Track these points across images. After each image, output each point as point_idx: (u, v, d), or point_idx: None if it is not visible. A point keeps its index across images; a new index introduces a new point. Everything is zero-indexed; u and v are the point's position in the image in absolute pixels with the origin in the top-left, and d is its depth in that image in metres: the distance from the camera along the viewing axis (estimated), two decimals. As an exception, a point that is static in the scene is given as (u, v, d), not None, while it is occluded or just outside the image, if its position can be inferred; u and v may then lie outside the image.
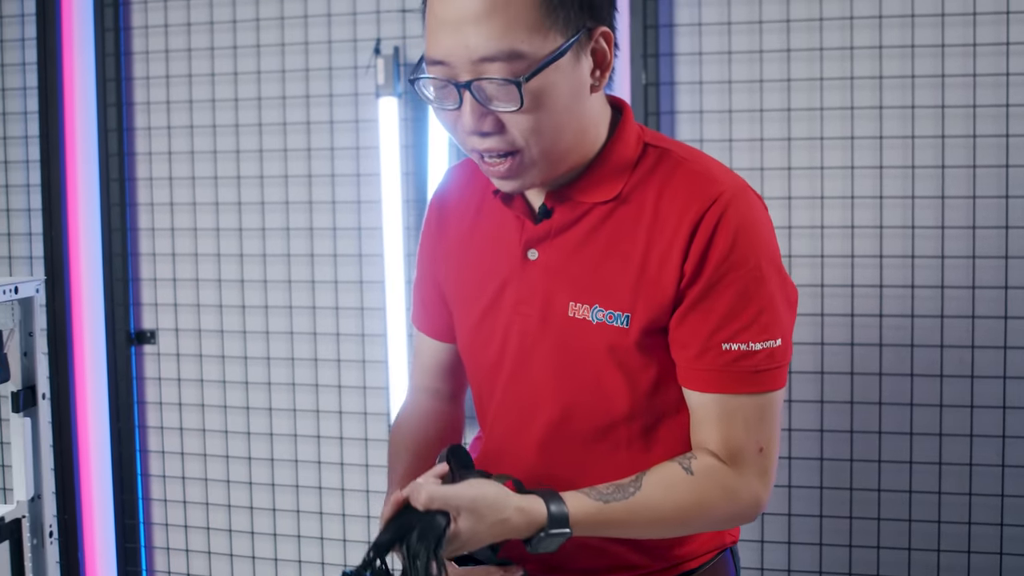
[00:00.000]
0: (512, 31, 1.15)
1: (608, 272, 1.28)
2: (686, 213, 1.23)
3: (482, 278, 1.38)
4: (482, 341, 1.38)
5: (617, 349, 1.27)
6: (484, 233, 1.39)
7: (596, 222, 1.29)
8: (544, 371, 1.33)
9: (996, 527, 2.25)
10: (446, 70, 1.19)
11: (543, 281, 1.32)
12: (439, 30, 1.18)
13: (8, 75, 2.79)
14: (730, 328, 1.23)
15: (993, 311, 2.21)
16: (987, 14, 2.17)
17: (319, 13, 2.54)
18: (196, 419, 2.74)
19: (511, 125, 1.19)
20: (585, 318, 1.28)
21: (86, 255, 2.73)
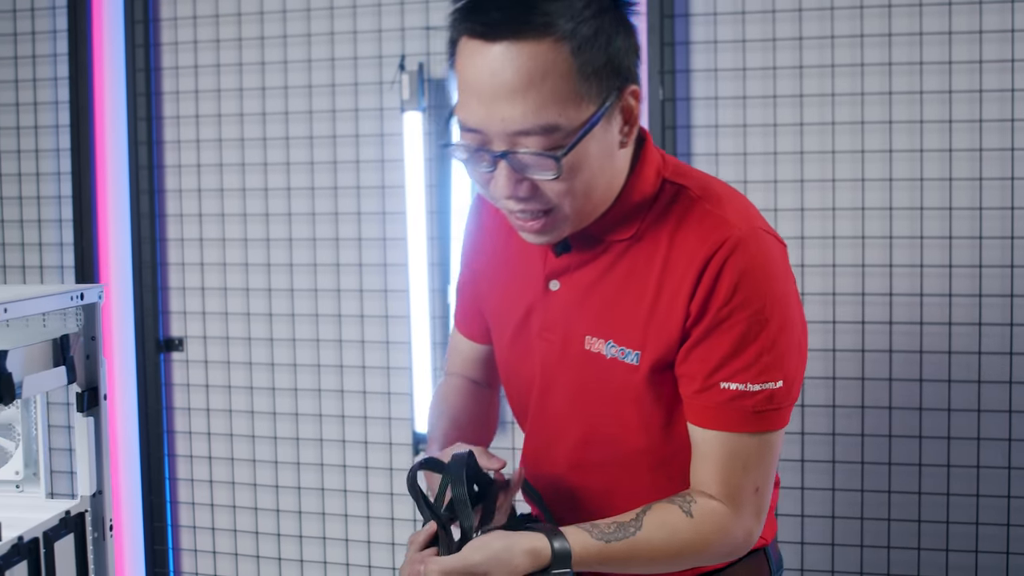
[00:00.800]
0: (548, 106, 1.16)
1: (622, 309, 1.31)
2: (696, 255, 1.25)
3: (513, 299, 1.42)
4: (517, 358, 1.43)
5: (628, 386, 1.31)
6: (515, 256, 1.43)
7: (613, 258, 1.32)
8: (565, 399, 1.37)
9: (1003, 527, 2.32)
10: (480, 137, 1.20)
11: (563, 312, 1.36)
12: (473, 99, 1.19)
13: (40, 89, 2.87)
14: (730, 368, 1.25)
15: (999, 318, 2.29)
16: (993, 32, 2.25)
17: (346, 30, 2.62)
18: (223, 424, 2.81)
19: (545, 189, 1.22)
20: (600, 352, 1.32)
21: (116, 265, 2.81)
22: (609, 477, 1.38)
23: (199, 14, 2.73)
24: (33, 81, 2.87)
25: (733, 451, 1.28)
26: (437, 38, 2.55)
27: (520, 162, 1.20)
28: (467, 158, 1.24)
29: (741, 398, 1.26)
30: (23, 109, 2.88)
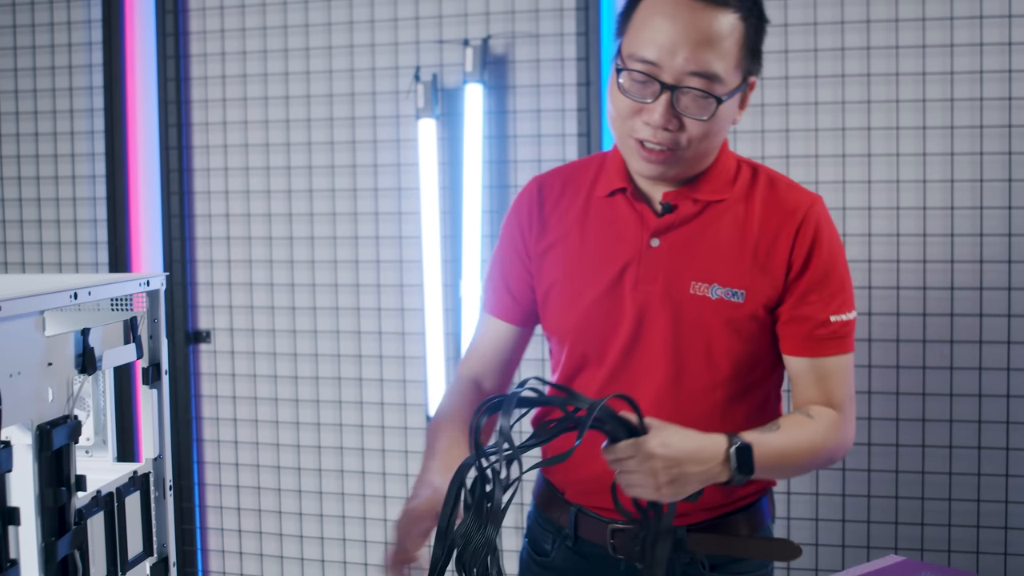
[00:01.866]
0: (721, 60, 1.44)
1: (724, 258, 1.55)
2: (789, 216, 1.54)
3: (598, 266, 1.59)
4: (598, 318, 1.58)
5: (733, 320, 1.54)
6: (596, 227, 1.61)
7: (710, 218, 1.56)
8: (662, 340, 1.55)
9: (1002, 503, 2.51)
10: (652, 69, 1.45)
11: (665, 264, 1.56)
12: (659, 33, 1.44)
13: (76, 97, 3.06)
14: (836, 304, 1.55)
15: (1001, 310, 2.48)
16: (993, 45, 2.44)
17: (364, 43, 2.81)
18: (248, 410, 3.00)
19: (689, 127, 1.47)
20: (706, 295, 1.54)
21: (148, 262, 3.01)
22: (686, 413, 1.52)
23: (226, 27, 2.92)
24: (70, 90, 3.06)
25: (836, 370, 1.56)
26: (450, 50, 2.74)
27: (682, 97, 1.45)
28: (631, 86, 1.47)
29: (844, 327, 1.56)
30: (60, 116, 3.07)
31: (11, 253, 3.14)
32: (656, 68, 1.45)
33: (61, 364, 1.32)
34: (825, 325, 1.55)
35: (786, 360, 1.59)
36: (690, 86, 1.45)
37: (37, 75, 3.07)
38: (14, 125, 3.11)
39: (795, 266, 1.54)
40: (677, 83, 1.45)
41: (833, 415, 1.56)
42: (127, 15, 2.96)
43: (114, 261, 3.00)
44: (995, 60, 2.42)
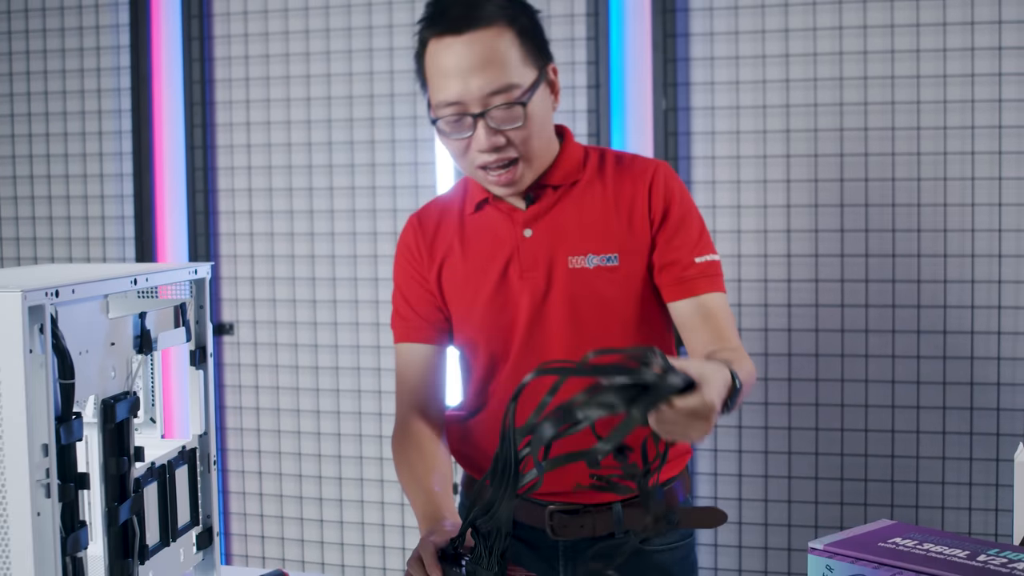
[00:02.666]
0: (507, 70, 1.59)
1: (591, 229, 1.70)
2: (639, 180, 1.71)
3: (482, 268, 1.73)
4: (498, 308, 1.72)
5: (614, 281, 1.69)
6: (473, 238, 1.75)
7: (571, 200, 1.72)
8: (559, 315, 1.69)
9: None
10: (459, 108, 1.60)
11: (541, 249, 1.70)
12: (450, 80, 1.59)
13: (104, 98, 3.18)
14: (698, 246, 1.71)
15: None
16: (983, 48, 2.57)
17: (383, 47, 2.93)
18: (270, 399, 3.12)
19: (513, 137, 1.62)
20: (583, 266, 1.69)
21: (173, 257, 3.13)
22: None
23: (250, 32, 3.04)
24: (98, 91, 3.18)
25: (716, 307, 1.70)
26: (465, 54, 2.86)
27: (495, 117, 1.59)
28: (450, 128, 1.63)
29: (710, 266, 1.71)
30: (88, 116, 3.19)
31: (41, 249, 3.26)
32: (461, 105, 1.60)
33: (122, 344, 1.45)
34: (693, 266, 1.70)
35: (671, 310, 1.72)
36: (495, 105, 1.59)
37: (67, 77, 3.19)
38: (44, 125, 3.23)
39: (655, 219, 1.70)
40: (483, 108, 1.59)
41: (738, 350, 1.64)
42: (153, 20, 3.09)
43: (140, 257, 3.12)
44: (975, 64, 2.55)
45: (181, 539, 1.63)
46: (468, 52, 1.58)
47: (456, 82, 1.59)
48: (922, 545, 1.26)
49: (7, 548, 1.22)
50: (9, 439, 1.21)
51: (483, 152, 1.63)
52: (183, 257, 3.13)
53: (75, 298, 1.31)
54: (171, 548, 1.59)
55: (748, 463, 2.71)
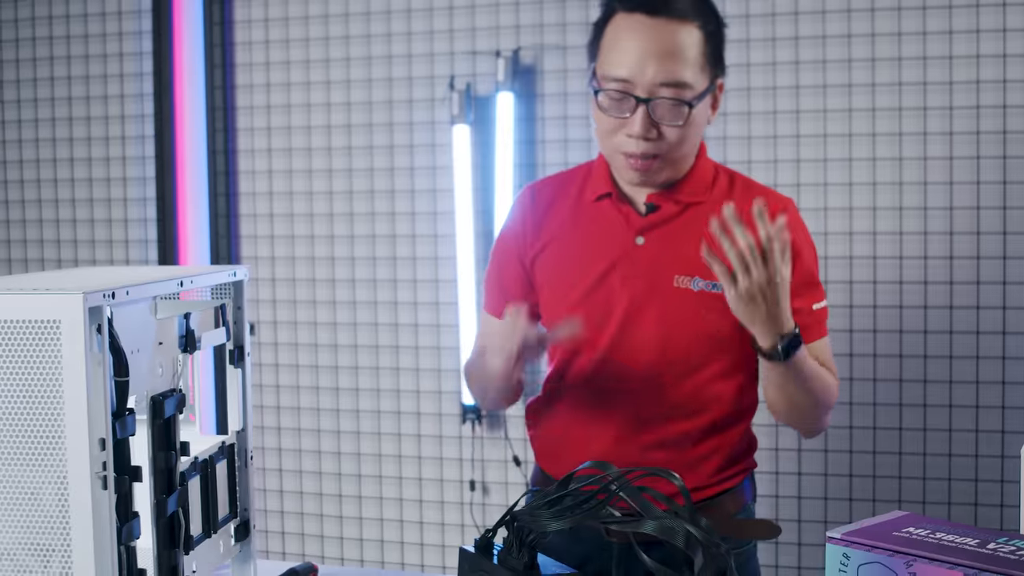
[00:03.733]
0: (686, 68, 1.59)
1: None
2: None
3: (585, 263, 1.73)
4: (586, 310, 1.72)
5: (714, 308, 1.66)
6: (583, 230, 1.75)
7: (693, 217, 1.69)
8: (650, 331, 1.69)
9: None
10: (626, 87, 1.59)
11: (650, 260, 1.69)
12: (627, 52, 1.58)
13: (127, 103, 3.25)
14: (814, 294, 1.72)
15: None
16: (988, 56, 2.63)
17: (402, 54, 3.00)
18: (291, 398, 3.19)
19: (666, 135, 1.61)
20: (688, 288, 1.68)
21: (195, 259, 3.20)
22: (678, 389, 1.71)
23: (271, 39, 3.11)
24: (121, 97, 3.25)
25: (822, 351, 1.74)
26: (482, 61, 2.93)
27: (657, 107, 1.59)
28: (609, 105, 1.62)
29: (822, 312, 1.74)
30: (112, 121, 3.26)
31: (65, 251, 3.33)
32: (629, 84, 1.60)
33: (168, 344, 1.51)
34: (810, 314, 1.71)
35: None
36: (662, 96, 1.59)
37: (90, 82, 3.26)
38: (68, 129, 3.30)
39: None
40: (650, 95, 1.59)
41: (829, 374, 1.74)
42: (175, 28, 3.15)
43: (163, 259, 3.18)
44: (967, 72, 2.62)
45: (220, 531, 1.69)
46: (654, 36, 1.58)
47: (632, 61, 1.58)
48: (934, 534, 1.32)
49: (68, 537, 1.29)
50: (71, 433, 1.27)
51: (633, 138, 1.62)
52: (205, 259, 3.19)
53: (128, 299, 1.37)
54: (212, 539, 1.65)
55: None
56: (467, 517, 3.03)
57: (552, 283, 1.79)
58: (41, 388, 1.26)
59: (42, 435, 1.27)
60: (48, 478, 1.28)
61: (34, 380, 1.26)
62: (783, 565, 2.81)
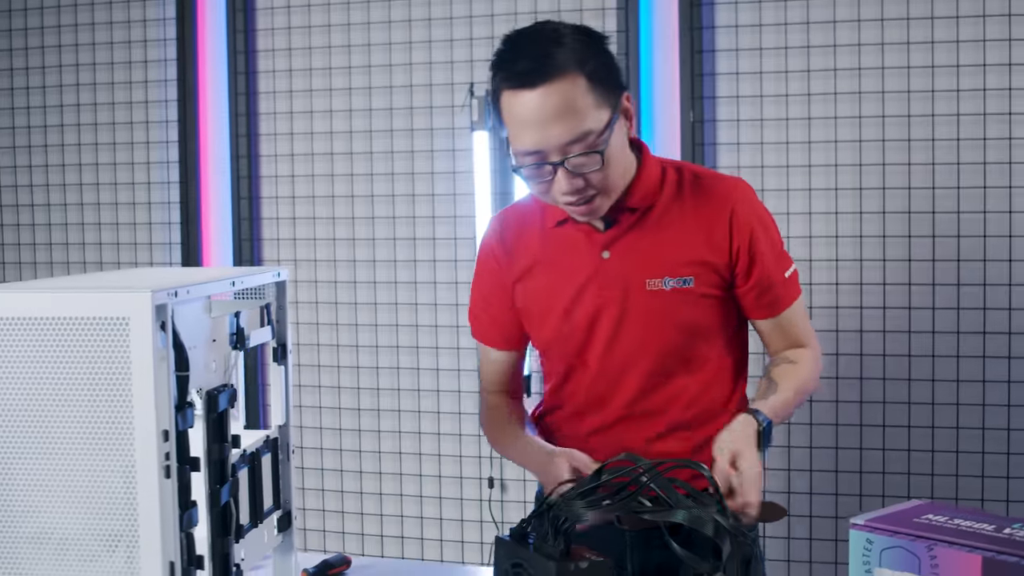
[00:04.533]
0: (582, 119, 1.60)
1: (669, 253, 1.75)
2: (721, 205, 1.76)
3: (560, 284, 1.80)
4: (570, 329, 1.80)
5: (687, 302, 1.75)
6: (553, 253, 1.82)
7: (651, 221, 1.76)
8: (637, 333, 1.76)
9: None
10: (538, 156, 1.63)
11: (620, 271, 1.76)
12: (526, 131, 1.61)
13: (152, 109, 3.32)
14: (783, 263, 1.81)
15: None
16: (969, 66, 2.71)
17: (422, 61, 3.07)
18: (312, 398, 3.26)
19: (592, 179, 1.66)
20: (660, 288, 1.75)
21: (217, 261, 3.27)
22: (673, 385, 1.80)
23: (293, 47, 3.18)
24: (145, 103, 3.32)
25: (794, 315, 1.84)
26: (501, 69, 3.00)
27: (574, 164, 1.63)
28: (531, 174, 1.67)
29: (792, 277, 1.83)
30: (136, 127, 3.33)
31: (89, 254, 3.40)
32: (540, 154, 1.62)
33: (221, 341, 1.58)
34: (781, 284, 1.81)
35: (754, 322, 1.85)
36: (574, 153, 1.62)
37: (115, 89, 3.34)
38: (93, 135, 3.37)
39: (742, 254, 1.76)
40: (563, 156, 1.62)
41: (807, 353, 1.84)
42: (200, 33, 3.22)
43: (186, 262, 3.25)
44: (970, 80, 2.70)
45: (265, 521, 1.76)
46: (543, 104, 1.60)
47: (534, 133, 1.61)
48: (952, 520, 1.39)
49: (135, 525, 1.35)
50: (140, 425, 1.34)
51: (564, 194, 1.67)
52: (227, 262, 3.26)
53: (188, 298, 1.45)
54: (258, 529, 1.72)
55: (773, 457, 2.86)
56: (485, 514, 3.10)
57: (534, 307, 1.86)
58: (111, 382, 1.32)
59: (111, 426, 1.33)
60: (115, 467, 1.34)
61: (104, 374, 1.32)
62: (795, 559, 2.89)
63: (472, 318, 1.97)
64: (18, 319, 1.32)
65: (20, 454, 1.34)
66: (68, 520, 1.35)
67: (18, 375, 1.33)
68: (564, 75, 1.60)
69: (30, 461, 1.34)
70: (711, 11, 2.84)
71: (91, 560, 1.36)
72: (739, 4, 2.82)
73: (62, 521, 1.35)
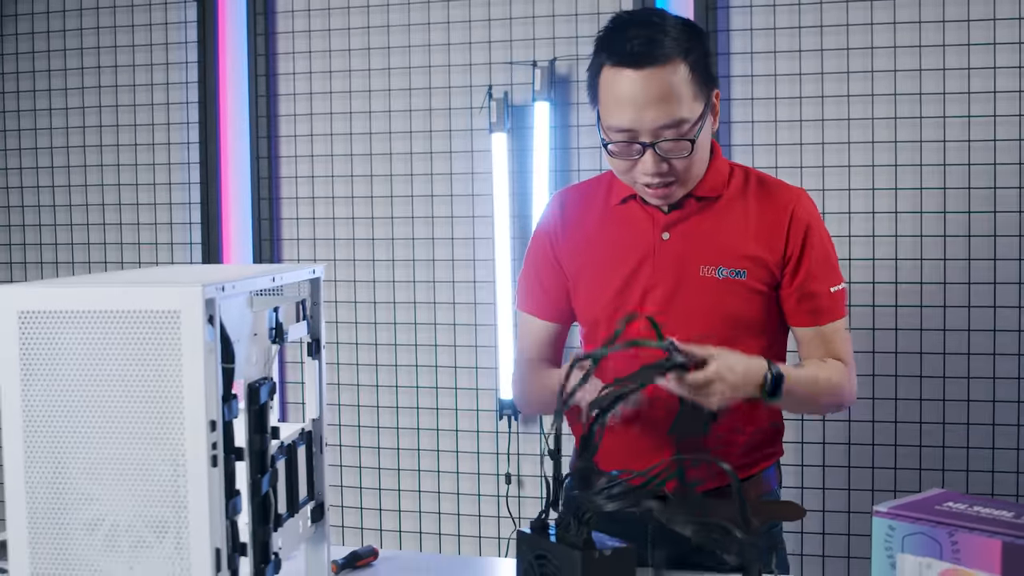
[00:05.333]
0: (680, 106, 1.69)
1: (726, 244, 1.82)
2: (782, 208, 1.82)
3: (616, 261, 1.86)
4: (621, 304, 1.85)
5: (739, 292, 1.81)
6: (611, 231, 1.88)
7: (713, 212, 1.84)
8: (682, 317, 1.81)
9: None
10: (631, 135, 1.71)
11: (676, 253, 1.83)
12: (624, 107, 1.69)
13: (173, 111, 3.37)
14: (831, 278, 1.85)
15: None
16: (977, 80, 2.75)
17: (441, 64, 3.13)
18: (331, 395, 3.31)
19: (676, 165, 1.75)
20: (713, 276, 1.82)
21: (237, 260, 3.31)
22: None
23: (313, 49, 3.23)
24: (167, 105, 3.37)
25: (836, 332, 1.86)
26: (519, 71, 3.05)
27: (663, 148, 1.71)
28: (619, 151, 1.74)
29: (839, 295, 1.87)
30: (158, 129, 3.38)
31: (111, 254, 3.45)
32: (633, 133, 1.71)
33: (262, 335, 1.63)
34: (827, 296, 1.85)
35: (794, 330, 1.89)
36: (665, 138, 1.70)
37: (136, 92, 3.39)
38: (115, 137, 3.42)
39: (793, 255, 1.82)
40: (654, 139, 1.70)
41: (842, 365, 1.86)
42: (220, 37, 3.27)
43: (206, 261, 3.30)
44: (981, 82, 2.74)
45: (300, 512, 1.81)
46: (645, 87, 1.67)
47: (630, 112, 1.69)
48: (972, 508, 1.44)
49: (184, 512, 1.39)
50: (189, 415, 1.38)
51: (647, 175, 1.74)
52: (247, 262, 3.31)
53: (234, 293, 1.49)
54: (294, 519, 1.76)
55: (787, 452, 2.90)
56: (503, 510, 3.15)
57: (587, 282, 1.92)
58: (162, 373, 1.36)
59: (163, 416, 1.37)
60: (166, 456, 1.38)
61: (156, 366, 1.36)
62: (808, 553, 2.93)
63: (522, 288, 2.02)
64: (74, 312, 1.36)
65: (77, 443, 1.38)
66: (120, 507, 1.39)
67: (74, 366, 1.37)
68: (670, 61, 1.68)
69: (86, 450, 1.38)
70: (726, 15, 2.89)
71: (141, 547, 1.39)
72: (754, 7, 2.87)
73: (114, 508, 1.39)
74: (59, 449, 1.37)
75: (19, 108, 3.49)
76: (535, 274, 1.99)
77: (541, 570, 1.59)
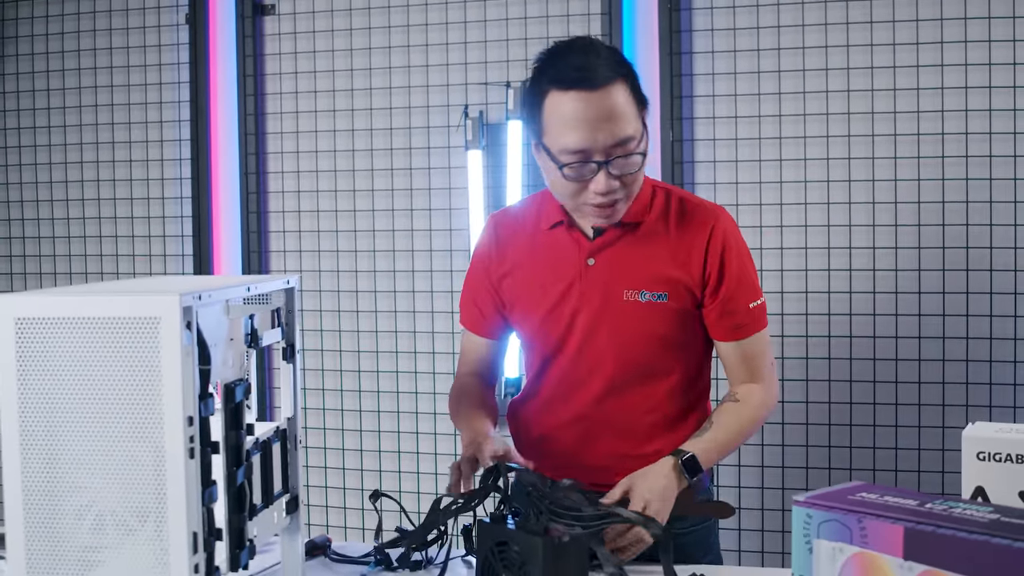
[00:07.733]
0: (628, 123, 1.76)
1: (649, 269, 1.89)
2: (699, 231, 1.89)
3: (546, 284, 1.95)
4: (551, 325, 1.95)
5: (660, 315, 1.89)
6: (542, 254, 1.97)
7: (636, 237, 1.91)
8: (607, 338, 1.91)
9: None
10: (584, 155, 1.76)
11: (601, 278, 1.90)
12: (575, 129, 1.74)
13: (166, 128, 3.51)
14: (751, 294, 1.92)
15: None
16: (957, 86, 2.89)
17: (420, 84, 3.26)
18: (316, 400, 3.44)
19: (627, 182, 1.81)
20: (636, 300, 1.89)
21: (227, 273, 3.44)
22: (629, 400, 1.95)
23: (300, 70, 3.37)
24: (160, 123, 3.51)
25: (757, 345, 1.94)
26: (494, 91, 3.18)
27: (617, 165, 1.78)
28: (573, 173, 1.79)
29: (758, 309, 1.93)
30: (151, 146, 3.52)
31: (107, 265, 3.58)
32: (585, 153, 1.76)
33: (237, 340, 1.76)
34: (747, 313, 1.91)
35: (717, 344, 1.96)
36: (617, 156, 1.76)
37: (131, 110, 3.52)
38: (111, 153, 3.56)
39: (712, 275, 1.88)
40: (607, 157, 1.76)
41: (757, 391, 1.94)
42: (212, 60, 3.41)
43: (198, 272, 3.43)
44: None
45: (275, 504, 1.93)
46: (596, 107, 1.73)
47: (583, 133, 1.74)
48: (883, 497, 1.56)
49: (163, 499, 1.51)
50: (168, 412, 1.51)
51: (599, 194, 1.79)
52: (237, 273, 3.44)
53: (210, 301, 1.63)
54: (269, 510, 1.89)
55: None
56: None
57: (520, 303, 2.01)
58: (144, 373, 1.47)
59: (144, 412, 1.48)
60: (147, 449, 1.49)
61: (138, 367, 1.47)
62: (746, 549, 3.06)
63: (462, 305, 2.12)
64: (66, 319, 1.48)
65: (67, 437, 1.49)
66: (107, 495, 1.49)
67: (65, 367, 1.48)
68: (614, 81, 1.75)
69: (76, 443, 1.49)
70: (689, 38, 3.03)
71: (125, 531, 1.49)
72: (715, 31, 3.01)
73: (102, 496, 1.49)
74: (52, 442, 1.48)
75: (19, 126, 3.63)
76: (471, 294, 2.08)
77: (502, 557, 1.69)
